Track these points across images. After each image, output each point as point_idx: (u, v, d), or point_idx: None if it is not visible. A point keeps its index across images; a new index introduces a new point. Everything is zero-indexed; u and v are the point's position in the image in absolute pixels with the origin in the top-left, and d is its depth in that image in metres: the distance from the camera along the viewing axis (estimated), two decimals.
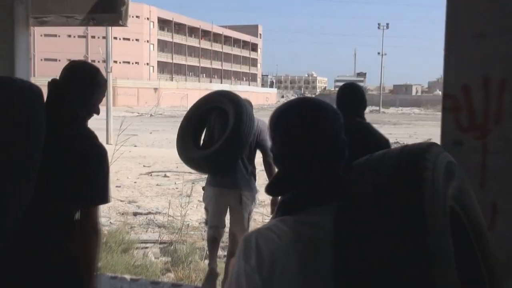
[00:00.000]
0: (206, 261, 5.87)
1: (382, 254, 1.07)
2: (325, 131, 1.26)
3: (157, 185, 11.43)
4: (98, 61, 51.72)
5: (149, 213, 8.96)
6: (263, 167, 4.60)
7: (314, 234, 1.22)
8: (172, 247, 6.58)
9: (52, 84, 2.26)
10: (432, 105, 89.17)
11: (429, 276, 1.04)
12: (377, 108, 74.74)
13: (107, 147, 2.50)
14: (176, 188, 10.89)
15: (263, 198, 6.29)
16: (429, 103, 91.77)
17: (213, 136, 4.43)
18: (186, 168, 14.20)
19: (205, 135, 4.56)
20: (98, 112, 2.33)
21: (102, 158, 2.29)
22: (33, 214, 2.10)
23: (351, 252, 1.11)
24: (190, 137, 4.45)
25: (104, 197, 2.28)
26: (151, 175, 12.94)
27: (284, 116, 1.30)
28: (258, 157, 4.72)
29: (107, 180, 2.31)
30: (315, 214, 1.25)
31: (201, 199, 5.09)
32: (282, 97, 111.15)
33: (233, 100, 4.35)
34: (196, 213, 8.87)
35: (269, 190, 1.34)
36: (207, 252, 5.15)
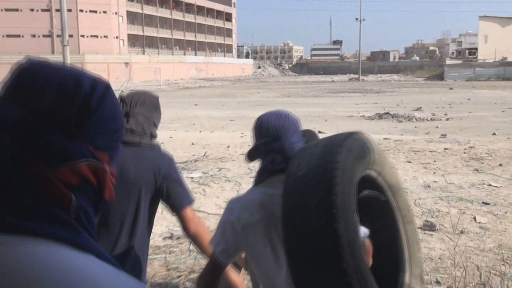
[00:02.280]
0: None
1: (308, 214, 1.58)
2: (280, 129, 1.90)
3: None
4: None
5: None
6: None
7: (274, 201, 1.76)
8: None
9: (121, 100, 2.44)
10: (410, 71, 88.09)
11: (334, 222, 1.53)
12: (356, 76, 73.21)
13: None
14: None
15: None
16: (408, 69, 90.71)
17: None
18: None
19: None
20: (156, 135, 2.57)
21: (173, 165, 2.53)
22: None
23: (289, 217, 1.63)
24: None
25: (190, 198, 2.50)
26: None
27: (258, 119, 2.01)
28: None
29: (183, 181, 2.52)
30: (275, 185, 1.79)
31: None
32: (259, 67, 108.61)
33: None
34: (161, 223, 6.86)
35: (246, 157, 2.00)
36: None
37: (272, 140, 1.87)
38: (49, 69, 0.74)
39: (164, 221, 6.90)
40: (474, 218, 6.76)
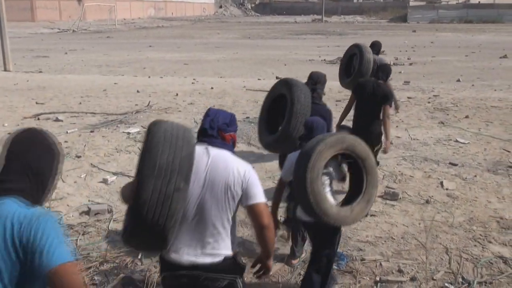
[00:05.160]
0: None
1: (301, 167, 3.36)
2: (313, 128, 3.76)
3: None
4: None
5: None
6: None
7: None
8: None
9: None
10: (374, 12, 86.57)
11: (306, 173, 3.34)
12: (320, 17, 71.48)
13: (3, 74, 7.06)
14: (65, 141, 7.72)
15: None
16: (371, 10, 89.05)
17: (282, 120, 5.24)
18: (90, 107, 10.98)
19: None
20: None
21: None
22: None
23: (296, 167, 3.44)
24: (263, 123, 5.33)
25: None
26: (38, 118, 9.57)
27: (306, 121, 4.07)
28: None
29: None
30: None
31: (97, 161, 5.20)
32: (220, 7, 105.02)
33: (289, 88, 4.87)
34: (82, 192, 5.82)
35: (297, 140, 4.21)
36: None
37: (308, 134, 3.70)
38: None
39: (87, 190, 5.90)
40: (441, 183, 6.00)
